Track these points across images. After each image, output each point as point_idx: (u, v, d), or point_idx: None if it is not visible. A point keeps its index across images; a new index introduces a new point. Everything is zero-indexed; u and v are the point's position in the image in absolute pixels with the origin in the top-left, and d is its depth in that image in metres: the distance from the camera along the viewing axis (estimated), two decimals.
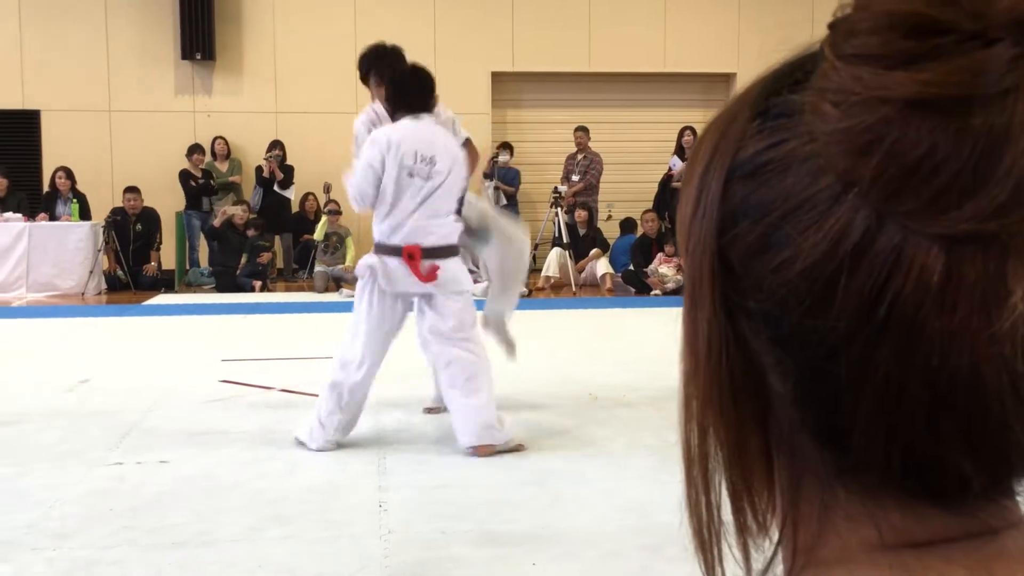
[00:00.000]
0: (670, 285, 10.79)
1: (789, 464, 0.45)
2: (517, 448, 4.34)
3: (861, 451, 0.40)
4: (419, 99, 4.42)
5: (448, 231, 4.42)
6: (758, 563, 0.47)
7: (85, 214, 11.16)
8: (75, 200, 11.14)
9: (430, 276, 4.29)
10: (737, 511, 0.47)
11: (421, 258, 4.28)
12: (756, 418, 0.45)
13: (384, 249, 4.34)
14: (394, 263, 4.30)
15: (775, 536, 0.47)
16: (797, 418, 0.43)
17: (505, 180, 12.41)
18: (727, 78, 13.57)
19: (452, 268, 4.39)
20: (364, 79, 5.15)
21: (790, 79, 0.42)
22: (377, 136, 4.41)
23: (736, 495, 0.47)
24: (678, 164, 12.20)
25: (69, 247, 10.71)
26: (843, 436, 0.41)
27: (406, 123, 4.40)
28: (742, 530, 0.47)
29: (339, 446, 4.34)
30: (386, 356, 4.41)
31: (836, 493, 0.43)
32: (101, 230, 11.01)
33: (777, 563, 0.47)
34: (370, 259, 4.37)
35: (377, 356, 4.35)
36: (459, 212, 4.52)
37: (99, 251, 10.94)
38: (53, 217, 11.09)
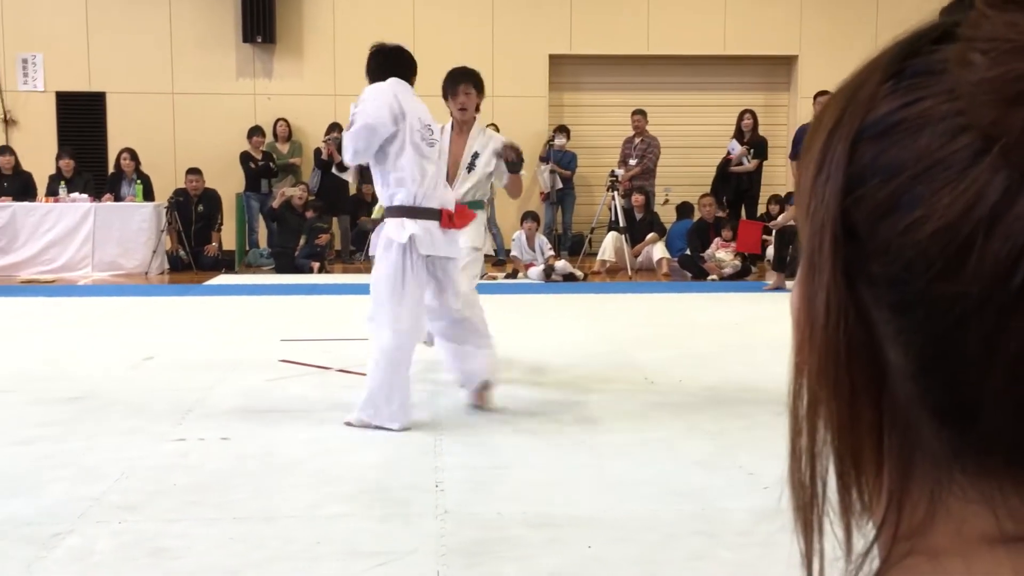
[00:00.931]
0: (727, 270, 10.69)
1: (901, 442, 0.43)
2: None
3: (986, 429, 0.38)
4: (400, 68, 4.63)
5: (453, 197, 4.67)
6: (857, 546, 0.45)
7: (149, 195, 11.37)
8: (139, 181, 11.35)
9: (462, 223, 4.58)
10: (843, 487, 0.45)
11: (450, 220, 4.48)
12: (870, 391, 0.43)
13: (419, 213, 4.41)
14: (433, 226, 4.42)
15: (878, 519, 0.45)
16: (916, 392, 0.41)
17: (561, 163, 12.38)
18: (789, 61, 13.37)
19: (460, 235, 4.65)
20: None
21: (927, 39, 0.40)
22: (385, 96, 4.44)
23: (843, 471, 0.45)
24: (736, 148, 12.07)
25: (133, 227, 10.92)
26: (967, 413, 0.39)
27: (396, 88, 4.49)
28: (846, 508, 0.45)
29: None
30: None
31: (952, 475, 0.41)
32: (164, 211, 11.21)
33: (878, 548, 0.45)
34: (411, 227, 4.38)
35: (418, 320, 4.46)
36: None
37: (162, 231, 11.14)
38: (118, 198, 11.31)
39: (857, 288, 0.41)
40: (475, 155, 5.50)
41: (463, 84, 5.46)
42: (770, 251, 10.80)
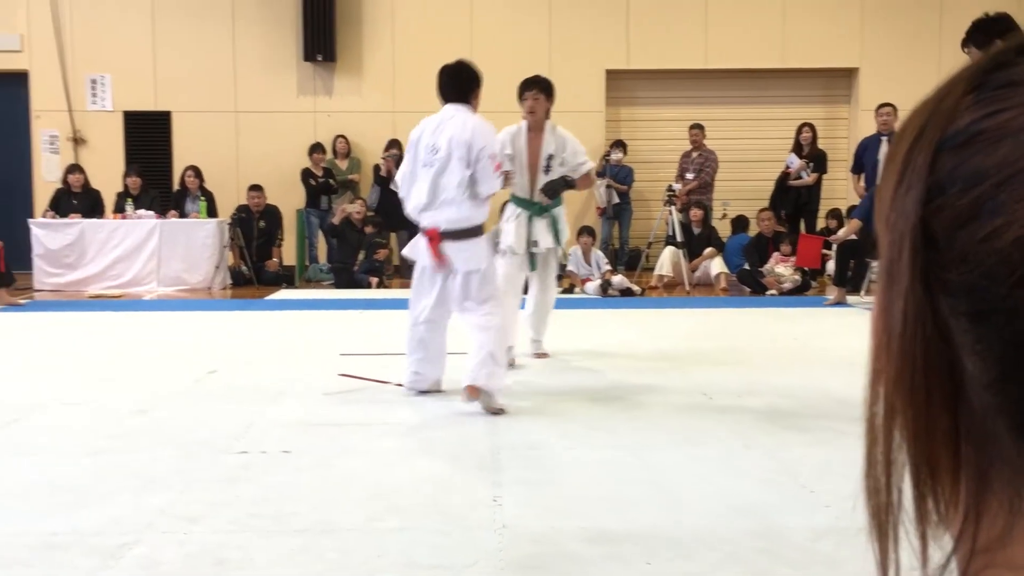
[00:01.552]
0: (787, 285, 10.57)
1: (978, 453, 0.43)
2: (499, 410, 4.88)
3: None
4: (447, 90, 5.15)
5: (457, 216, 5.00)
6: (934, 559, 0.45)
7: (212, 211, 11.58)
8: (203, 198, 11.58)
9: (440, 262, 5.04)
10: (919, 497, 0.45)
11: (440, 240, 5.00)
12: (946, 400, 0.43)
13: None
14: (422, 242, 5.10)
15: (955, 531, 0.44)
16: (993, 402, 0.41)
17: (618, 178, 12.36)
18: (849, 73, 13.22)
19: (467, 248, 5.02)
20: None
21: (1011, 54, 0.41)
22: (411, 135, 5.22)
23: (919, 480, 0.45)
24: (795, 161, 11.94)
25: (197, 243, 11.14)
26: None
27: (432, 116, 5.14)
28: (922, 518, 0.45)
29: (453, 441, 4.41)
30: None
31: None
32: (227, 227, 11.41)
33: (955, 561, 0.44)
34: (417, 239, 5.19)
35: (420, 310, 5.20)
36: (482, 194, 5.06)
37: (225, 247, 11.34)
38: (182, 214, 11.54)
39: (935, 297, 0.41)
40: (550, 156, 6.09)
41: (531, 90, 6.11)
42: (830, 265, 10.66)
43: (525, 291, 6.49)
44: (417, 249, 5.16)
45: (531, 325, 6.55)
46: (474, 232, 5.05)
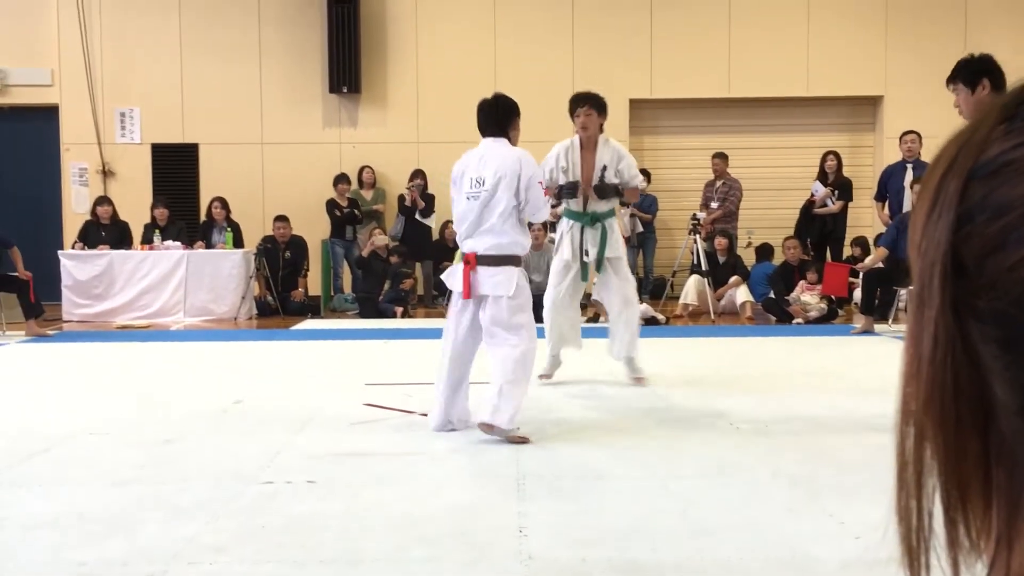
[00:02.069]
0: (813, 314, 10.51)
1: (1009, 479, 0.43)
2: (521, 440, 4.90)
3: None
4: (485, 124, 5.27)
5: (498, 242, 5.06)
6: None
7: (238, 242, 11.68)
8: (229, 229, 11.68)
9: (466, 289, 5.07)
10: (949, 522, 0.45)
11: (475, 264, 5.05)
12: (976, 425, 0.43)
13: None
14: (459, 269, 5.15)
15: (987, 559, 0.44)
16: (1022, 428, 0.41)
17: (641, 207, 12.37)
18: (874, 101, 13.21)
19: (498, 274, 5.04)
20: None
21: None
22: (453, 171, 5.31)
23: (950, 505, 0.45)
24: (820, 189, 11.91)
25: (223, 274, 11.23)
26: None
27: (474, 150, 5.25)
28: (953, 544, 0.45)
29: (478, 470, 4.40)
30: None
31: None
32: (253, 257, 11.49)
33: None
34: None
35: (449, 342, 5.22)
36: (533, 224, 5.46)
37: (251, 277, 11.42)
38: (209, 245, 11.64)
39: (965, 323, 0.42)
40: (604, 169, 6.28)
41: (583, 106, 6.27)
42: (857, 294, 10.59)
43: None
44: (453, 277, 5.20)
45: (621, 346, 6.50)
46: (510, 260, 5.08)
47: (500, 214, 5.04)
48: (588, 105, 6.23)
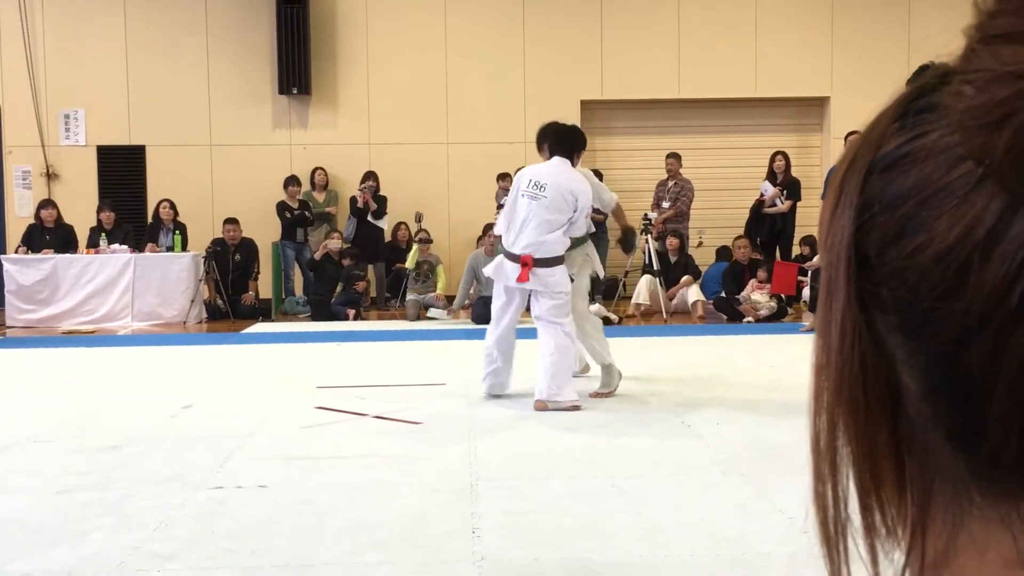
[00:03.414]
0: (763, 312, 10.63)
1: (921, 465, 0.44)
2: (574, 407, 5.68)
3: (995, 449, 0.39)
4: (558, 146, 6.01)
5: (550, 246, 5.79)
6: (887, 571, 0.46)
7: (186, 245, 11.53)
8: (177, 231, 11.52)
9: (522, 277, 5.79)
10: (864, 509, 0.46)
11: (532, 265, 5.79)
12: (885, 412, 0.44)
13: (508, 255, 5.91)
14: (509, 265, 5.87)
15: (905, 545, 0.45)
16: (928, 414, 0.42)
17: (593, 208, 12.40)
18: (820, 102, 13.39)
19: (553, 274, 5.80)
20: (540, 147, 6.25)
21: (935, 82, 0.42)
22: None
23: (864, 492, 0.46)
24: (769, 189, 12.05)
25: (172, 277, 11.07)
26: (976, 433, 0.40)
27: (540, 164, 6.05)
28: (870, 530, 0.46)
29: (432, 473, 4.38)
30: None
31: (971, 497, 0.42)
32: (202, 260, 11.35)
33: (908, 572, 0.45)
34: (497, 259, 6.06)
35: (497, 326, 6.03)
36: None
37: (200, 281, 11.28)
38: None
39: (871, 314, 0.43)
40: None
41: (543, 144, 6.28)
42: (806, 292, 10.73)
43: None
44: (502, 271, 5.88)
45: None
46: (559, 260, 5.84)
47: (554, 222, 5.77)
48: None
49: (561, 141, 6.01)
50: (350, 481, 4.28)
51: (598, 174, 12.55)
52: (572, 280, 6.20)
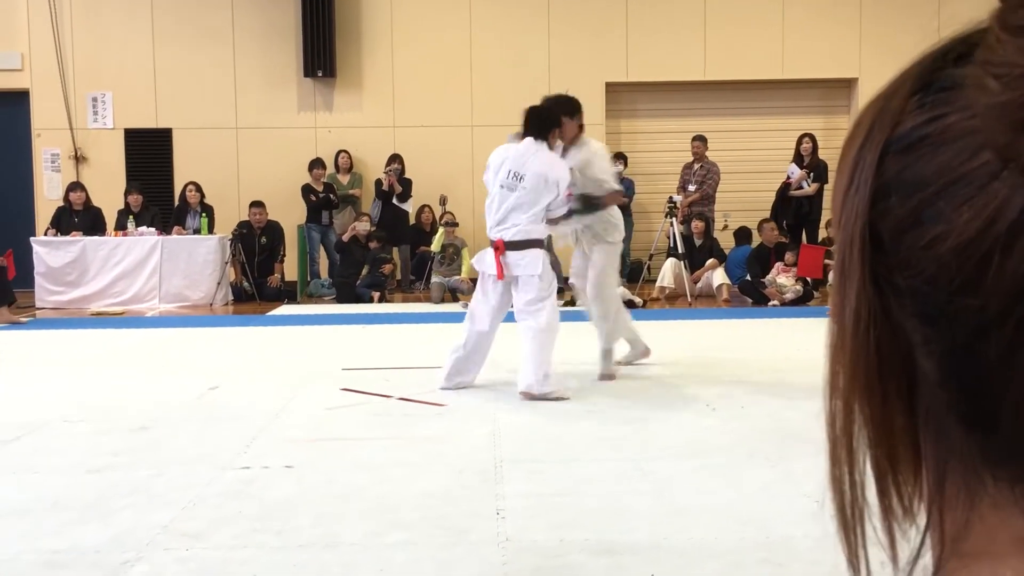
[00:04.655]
0: (789, 296, 10.57)
1: (935, 447, 0.44)
2: (560, 397, 5.51)
3: (1008, 437, 0.39)
4: (530, 127, 5.79)
5: (525, 230, 5.62)
6: (904, 551, 0.46)
7: (212, 227, 11.59)
8: (203, 213, 11.59)
9: (500, 270, 5.64)
10: (881, 492, 0.46)
11: (504, 249, 5.63)
12: (901, 396, 0.44)
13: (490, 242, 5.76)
14: (489, 254, 5.71)
15: (922, 522, 0.45)
16: (944, 399, 0.42)
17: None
18: (848, 83, 13.25)
19: (526, 256, 5.61)
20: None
21: (955, 53, 0.41)
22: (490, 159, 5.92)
23: (881, 475, 0.46)
24: (796, 172, 11.96)
25: (198, 259, 11.14)
26: (990, 420, 0.39)
27: (516, 145, 5.80)
28: (887, 512, 0.46)
29: (456, 454, 4.40)
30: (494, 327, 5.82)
31: (983, 480, 0.42)
32: (228, 243, 11.42)
33: (925, 552, 0.45)
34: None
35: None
36: (558, 218, 5.81)
37: (226, 263, 11.34)
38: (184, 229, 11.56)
39: (886, 297, 0.42)
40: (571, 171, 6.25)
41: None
42: (832, 275, 10.66)
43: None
44: (484, 260, 5.77)
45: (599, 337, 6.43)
46: (534, 244, 5.68)
47: (532, 211, 5.64)
48: (562, 115, 6.04)
49: (533, 123, 5.78)
50: (375, 462, 4.31)
51: (623, 157, 12.53)
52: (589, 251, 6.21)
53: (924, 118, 0.41)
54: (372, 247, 11.50)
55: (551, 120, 5.84)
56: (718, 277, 11.22)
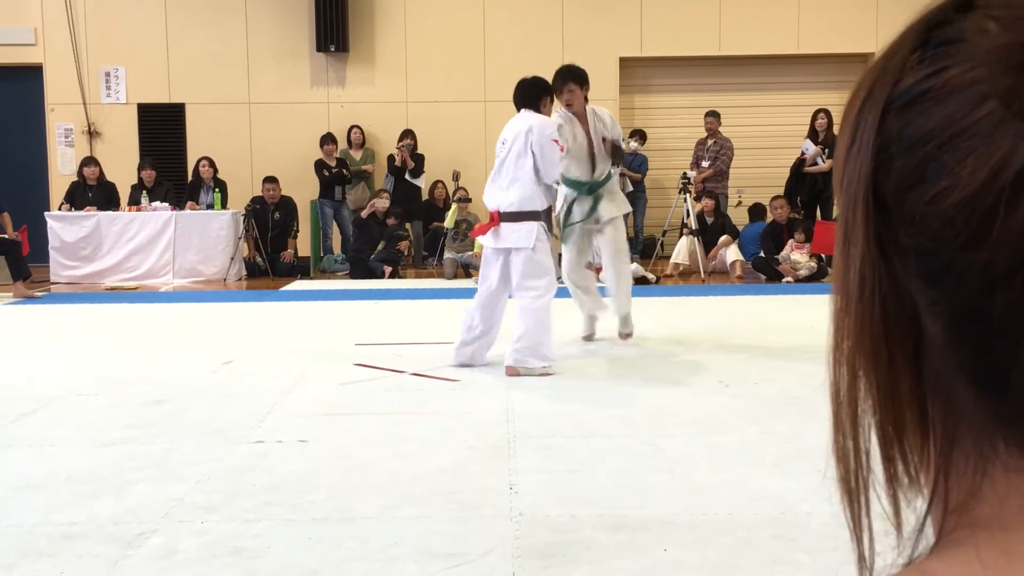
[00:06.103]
0: (802, 272, 10.53)
1: (943, 411, 0.42)
2: (544, 373, 5.50)
3: (1020, 398, 0.38)
4: (517, 99, 5.88)
5: (518, 198, 5.58)
6: (908, 521, 0.45)
7: (225, 203, 11.61)
8: (216, 189, 11.60)
9: (482, 230, 5.76)
10: (887, 459, 0.45)
11: (499, 221, 5.58)
12: (908, 359, 0.43)
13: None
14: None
15: (927, 492, 0.44)
16: (952, 361, 0.40)
17: (632, 167, 12.32)
18: (864, 58, 13.12)
19: (519, 229, 5.55)
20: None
21: (953, 8, 0.40)
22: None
23: (886, 442, 0.45)
24: (811, 148, 11.88)
25: (212, 235, 11.17)
26: (1001, 379, 0.38)
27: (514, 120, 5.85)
28: (891, 480, 0.45)
29: (469, 430, 4.41)
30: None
31: (995, 443, 0.40)
32: (241, 218, 11.43)
33: (931, 523, 0.44)
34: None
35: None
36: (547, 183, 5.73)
37: (239, 238, 11.37)
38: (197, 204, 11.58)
39: (890, 259, 0.41)
40: (603, 139, 6.45)
41: (567, 83, 6.30)
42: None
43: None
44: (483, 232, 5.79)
45: (615, 303, 6.61)
46: (529, 216, 5.57)
47: (517, 170, 5.58)
48: (571, 82, 6.31)
49: (522, 95, 5.89)
50: (388, 437, 4.32)
51: (641, 133, 12.45)
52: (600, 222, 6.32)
53: (925, 73, 0.40)
54: (390, 223, 11.49)
55: (537, 88, 5.89)
56: (732, 254, 11.18)
